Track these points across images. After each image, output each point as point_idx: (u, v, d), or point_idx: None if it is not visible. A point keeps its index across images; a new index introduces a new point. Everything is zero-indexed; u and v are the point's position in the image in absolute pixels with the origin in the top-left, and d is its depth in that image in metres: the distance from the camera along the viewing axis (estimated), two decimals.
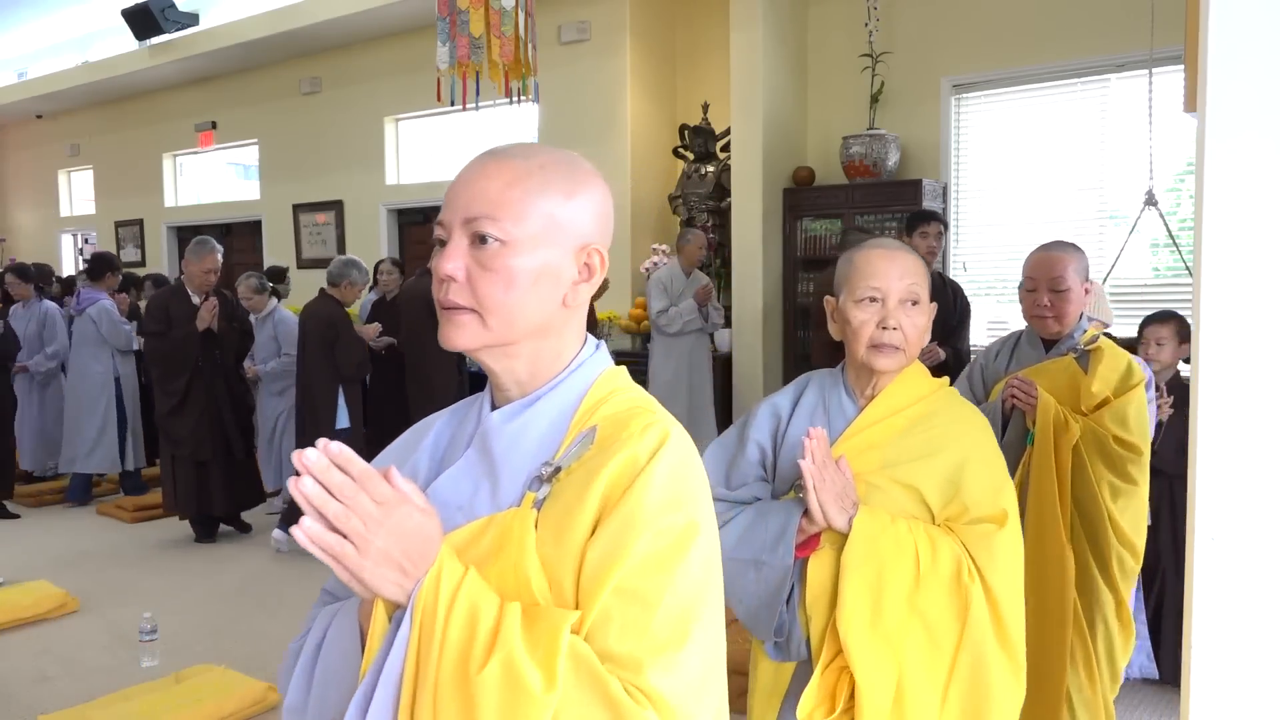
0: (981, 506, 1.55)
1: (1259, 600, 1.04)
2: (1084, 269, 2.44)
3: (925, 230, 4.53)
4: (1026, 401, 2.35)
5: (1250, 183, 1.01)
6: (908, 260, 1.63)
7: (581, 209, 1.03)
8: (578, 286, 1.04)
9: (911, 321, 1.62)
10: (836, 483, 1.53)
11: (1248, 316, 1.03)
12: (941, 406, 1.67)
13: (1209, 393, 1.05)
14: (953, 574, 1.50)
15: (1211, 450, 1.05)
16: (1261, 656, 1.04)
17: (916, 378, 1.69)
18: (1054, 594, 2.27)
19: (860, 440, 1.64)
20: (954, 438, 1.61)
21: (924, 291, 1.64)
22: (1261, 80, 1.00)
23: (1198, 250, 1.05)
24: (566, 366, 1.06)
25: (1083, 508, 2.33)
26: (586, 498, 0.96)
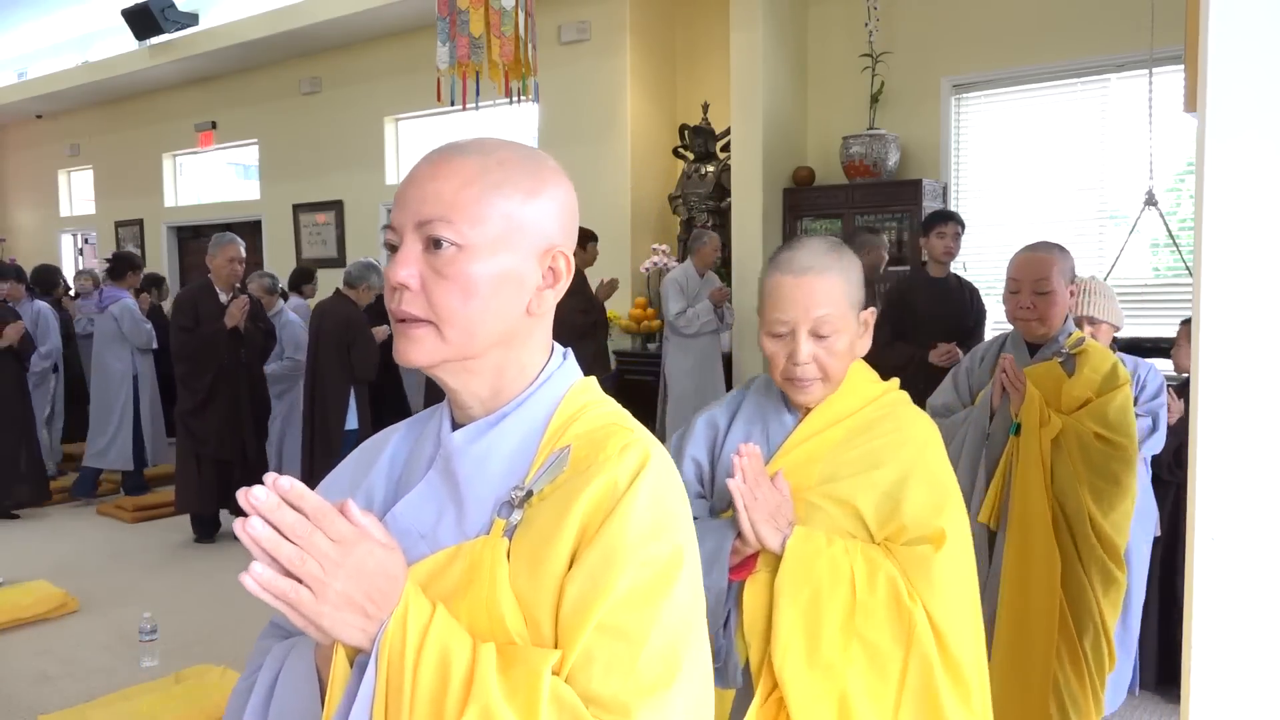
0: (920, 526, 1.44)
1: (1259, 600, 1.04)
2: (1069, 270, 2.40)
3: (942, 230, 4.50)
4: (1013, 385, 2.33)
5: (1250, 183, 1.01)
6: (821, 284, 1.46)
7: (544, 209, 0.96)
8: (543, 292, 0.96)
9: (827, 350, 1.47)
10: (770, 501, 1.43)
11: (1248, 316, 1.03)
12: (886, 414, 1.54)
13: (1209, 393, 1.05)
14: (891, 596, 1.39)
15: (1211, 450, 1.05)
16: (1261, 656, 1.04)
17: (860, 384, 1.57)
18: (1040, 586, 2.26)
19: (799, 454, 1.52)
20: (895, 449, 1.49)
21: (843, 314, 1.48)
22: (1261, 80, 1.00)
23: (1198, 250, 1.04)
24: (533, 380, 0.98)
25: (1064, 508, 2.31)
26: (563, 526, 0.88)
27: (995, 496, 2.35)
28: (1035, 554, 2.27)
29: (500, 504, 0.92)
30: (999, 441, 2.37)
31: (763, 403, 1.61)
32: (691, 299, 5.78)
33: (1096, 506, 2.29)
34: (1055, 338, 2.42)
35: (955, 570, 1.43)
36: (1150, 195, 4.61)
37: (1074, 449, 2.29)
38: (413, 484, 0.97)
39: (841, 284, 1.48)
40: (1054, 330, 2.42)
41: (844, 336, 1.48)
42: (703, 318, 5.76)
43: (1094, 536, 2.28)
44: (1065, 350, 2.39)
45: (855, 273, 1.52)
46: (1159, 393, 2.95)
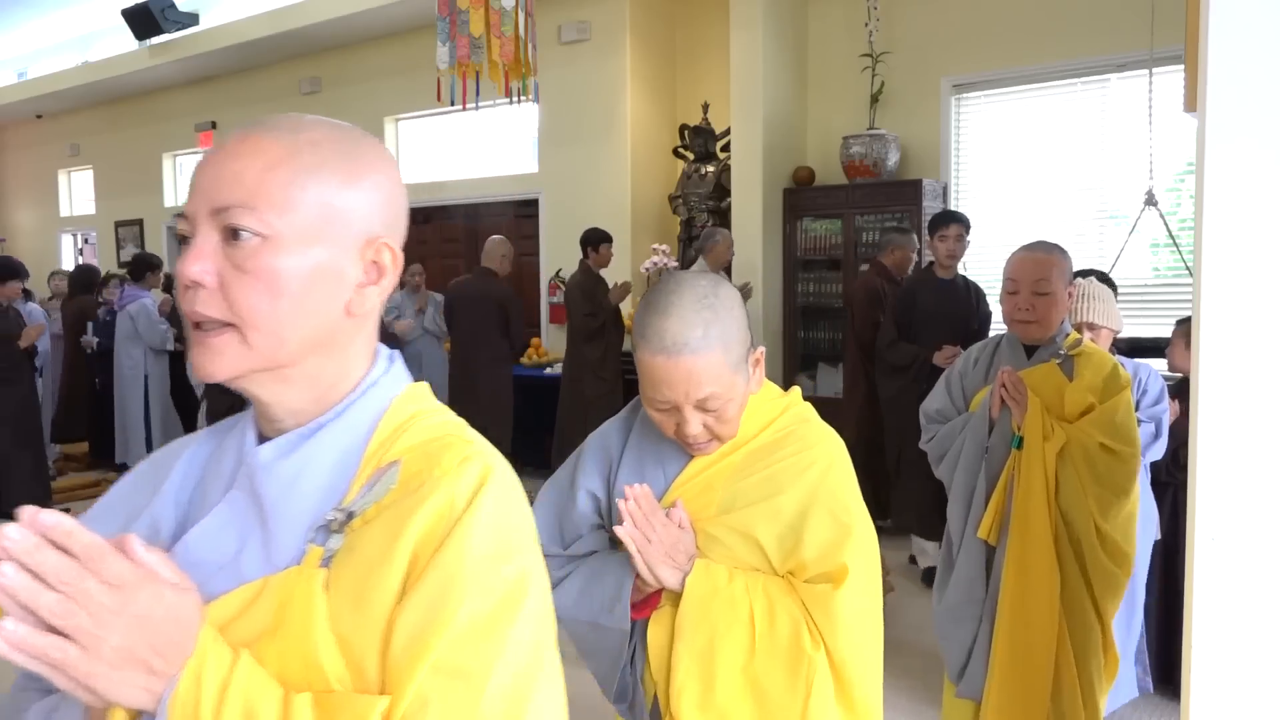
0: (821, 561, 1.34)
1: (1259, 600, 1.04)
2: (1068, 271, 2.35)
3: (944, 233, 4.44)
4: (1015, 398, 2.27)
5: (1250, 183, 1.01)
6: (699, 364, 1.29)
7: (365, 196, 0.84)
8: (364, 290, 0.85)
9: (717, 419, 1.35)
10: (666, 538, 1.33)
11: (1248, 316, 1.03)
12: (788, 433, 1.42)
13: (1209, 393, 1.05)
14: (791, 640, 1.31)
15: (1211, 450, 1.05)
16: (1261, 657, 1.04)
17: (758, 406, 1.44)
18: (1041, 604, 2.21)
19: (699, 482, 1.41)
20: (797, 474, 1.37)
21: (728, 384, 1.33)
22: (1261, 80, 1.00)
23: (1198, 250, 1.04)
24: (355, 388, 0.87)
25: (1069, 521, 2.24)
26: (393, 552, 0.77)
27: (995, 512, 2.29)
28: (1036, 571, 2.22)
29: (315, 528, 0.80)
30: (999, 455, 2.32)
31: (656, 430, 1.45)
32: None
33: (1103, 518, 2.23)
34: (1053, 339, 2.37)
35: (858, 607, 1.34)
36: (1150, 195, 4.62)
37: (1079, 461, 2.23)
38: (209, 507, 0.84)
39: (720, 354, 1.31)
40: (1051, 332, 2.36)
41: (734, 403, 1.35)
42: None
43: (1101, 549, 2.22)
44: (1063, 352, 2.34)
45: (735, 325, 1.34)
46: (1160, 397, 2.89)
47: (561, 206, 7.32)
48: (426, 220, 8.46)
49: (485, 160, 7.98)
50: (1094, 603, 2.24)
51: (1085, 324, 2.87)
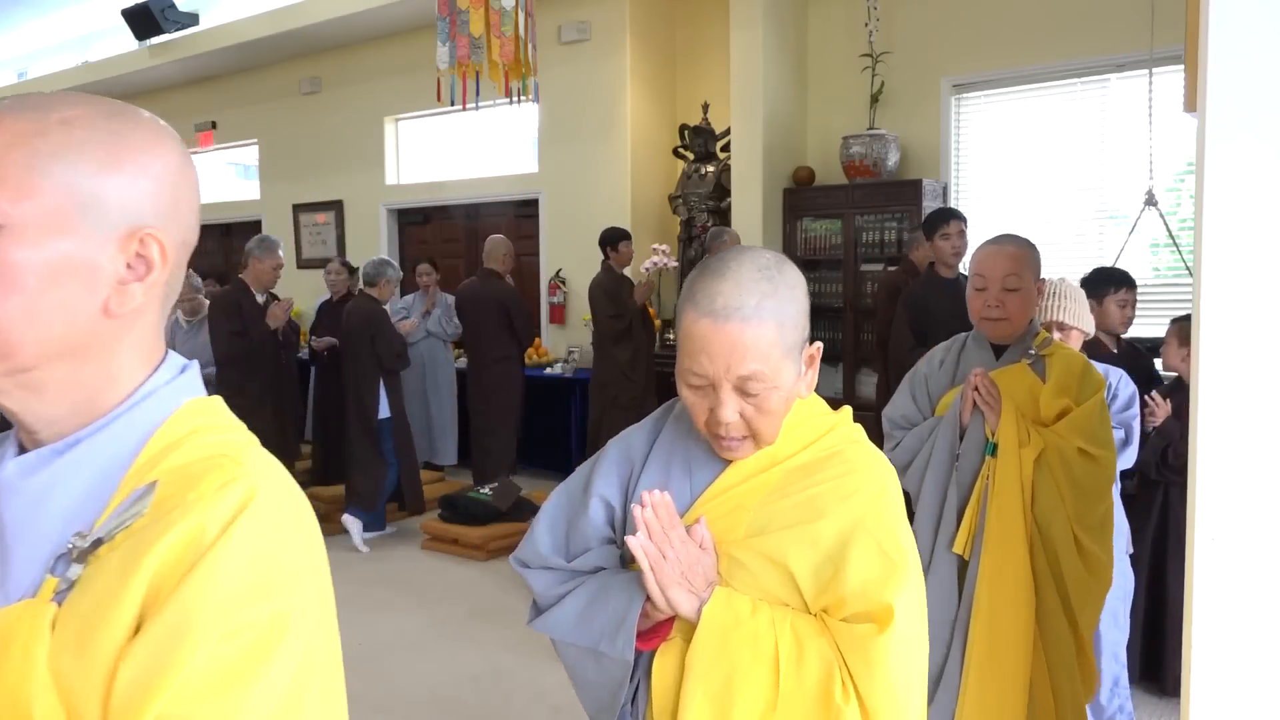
0: (863, 599, 1.17)
1: (1259, 600, 1.04)
2: (1037, 266, 2.24)
3: (946, 231, 4.31)
4: (988, 402, 2.15)
5: (1250, 183, 1.01)
6: (749, 333, 1.16)
7: (129, 181, 0.75)
8: (128, 287, 0.75)
9: (757, 408, 1.19)
10: (684, 557, 1.19)
11: (1248, 316, 1.03)
12: (832, 454, 1.26)
13: (1209, 393, 1.05)
14: (820, 688, 1.15)
15: (1211, 450, 1.05)
16: (1261, 656, 1.04)
17: (803, 420, 1.29)
18: (1016, 624, 2.11)
19: (728, 499, 1.25)
20: (840, 498, 1.21)
21: (776, 367, 1.18)
22: (1261, 80, 1.00)
23: (1198, 250, 1.04)
24: (125, 399, 0.77)
25: (1045, 531, 2.13)
26: (127, 586, 0.68)
27: (971, 525, 2.16)
28: (1012, 587, 2.11)
29: (57, 556, 0.71)
30: (972, 462, 2.18)
31: (686, 434, 1.31)
32: None
33: (1081, 526, 2.13)
34: (1022, 338, 2.26)
35: (902, 657, 1.16)
36: (1150, 195, 4.62)
37: (1057, 467, 2.13)
38: None
39: (774, 330, 1.17)
40: (1020, 330, 2.24)
41: (779, 392, 1.19)
42: None
43: (1079, 560, 2.13)
44: (1034, 351, 2.23)
45: (794, 306, 1.21)
46: (1131, 403, 2.79)
47: (561, 206, 7.32)
48: (426, 220, 8.46)
49: (485, 160, 7.98)
50: (1070, 617, 2.14)
51: (1055, 323, 2.76)
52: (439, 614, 4.33)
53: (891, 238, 5.87)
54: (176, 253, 0.79)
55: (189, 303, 5.76)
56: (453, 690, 3.57)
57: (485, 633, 4.09)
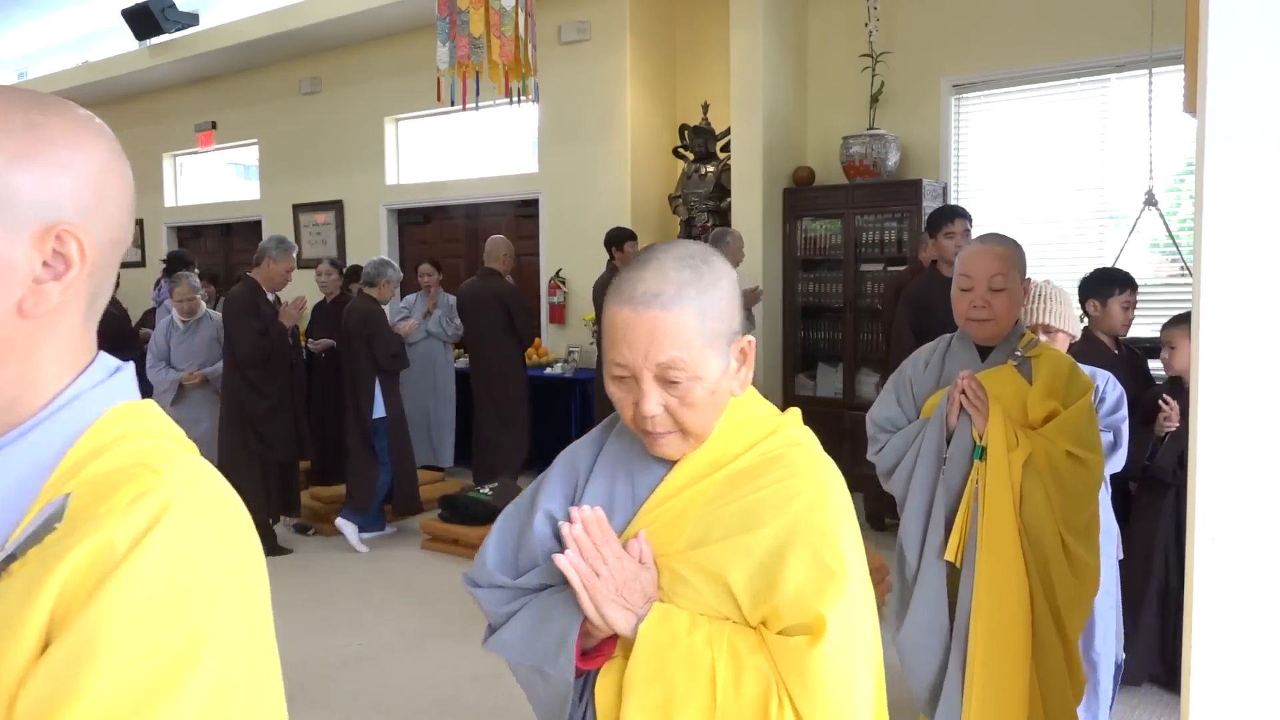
0: (796, 610, 1.12)
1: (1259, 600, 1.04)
2: (1022, 266, 2.20)
3: (951, 230, 4.20)
4: (975, 405, 2.11)
5: (1250, 183, 1.01)
6: (667, 320, 1.13)
7: (45, 175, 0.72)
8: (43, 286, 0.72)
9: (681, 400, 1.16)
10: (619, 574, 1.15)
11: (1248, 316, 1.03)
12: (775, 457, 1.21)
13: (1209, 392, 1.05)
14: (758, 707, 1.11)
15: (1211, 450, 1.05)
16: (1261, 656, 1.04)
17: (745, 421, 1.24)
18: (1015, 631, 2.07)
19: (669, 509, 1.21)
20: (780, 505, 1.16)
21: (698, 356, 1.14)
22: (1261, 80, 1.00)
23: (1198, 250, 1.04)
24: (46, 405, 0.73)
25: (1034, 536, 2.09)
26: (34, 605, 0.63)
27: (961, 531, 2.12)
28: (1008, 593, 2.07)
29: None
30: (960, 466, 2.14)
31: (629, 444, 1.27)
32: None
33: (1069, 531, 2.09)
34: (1008, 339, 2.22)
35: (839, 668, 1.11)
36: (1150, 195, 4.62)
37: (1045, 471, 2.09)
38: None
39: (695, 318, 1.13)
40: (1006, 331, 2.20)
41: (702, 384, 1.15)
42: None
43: (1067, 565, 2.09)
44: (1020, 353, 2.19)
45: (719, 296, 1.17)
46: (1119, 405, 2.74)
47: (561, 206, 7.32)
48: (426, 220, 8.46)
49: (485, 160, 7.98)
50: (1058, 621, 2.11)
51: (1041, 326, 2.72)
52: (439, 614, 4.33)
53: (891, 238, 5.87)
54: (99, 251, 0.75)
55: (186, 303, 5.73)
56: (453, 690, 3.57)
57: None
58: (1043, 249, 5.76)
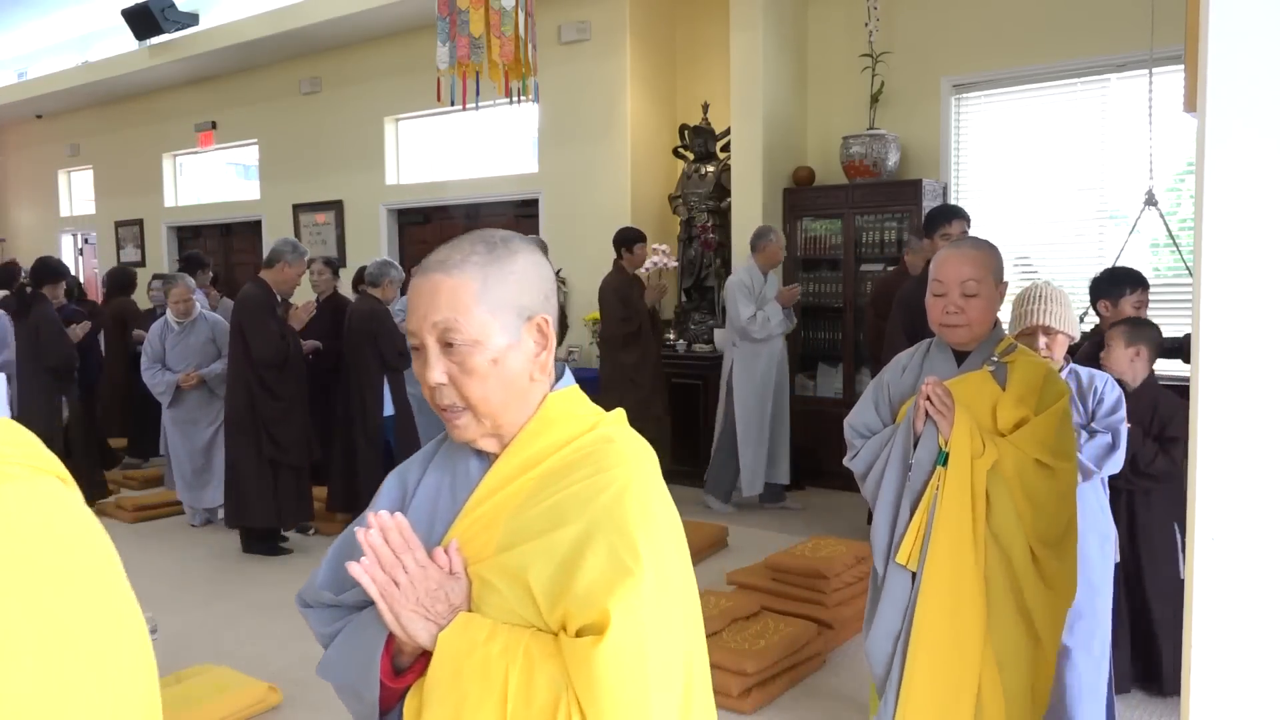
0: (587, 607, 1.06)
1: (1259, 600, 1.04)
2: (999, 269, 2.17)
3: (948, 231, 4.03)
4: (940, 411, 2.08)
5: (1250, 183, 1.01)
6: (446, 284, 1.13)
7: None
8: None
9: (461, 368, 1.13)
10: (422, 583, 1.10)
11: (1248, 316, 1.03)
12: (587, 454, 1.16)
13: (1209, 393, 1.05)
14: (547, 715, 1.06)
15: (1211, 450, 1.05)
16: (1261, 657, 1.04)
17: (564, 413, 1.20)
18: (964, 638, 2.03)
19: (485, 514, 1.16)
20: (585, 502, 1.10)
21: (475, 321, 1.12)
22: (1261, 80, 1.00)
23: (1198, 250, 1.04)
24: None
25: (1003, 545, 2.05)
26: None
27: (916, 536, 2.09)
28: (959, 601, 2.02)
29: None
30: (925, 472, 2.12)
31: (454, 452, 1.24)
32: (759, 301, 5.50)
33: (1039, 540, 2.05)
34: (984, 344, 2.18)
35: (627, 667, 1.04)
36: (1150, 195, 4.61)
37: (1013, 479, 2.06)
38: None
39: (476, 283, 1.13)
40: (981, 336, 2.17)
41: (482, 350, 1.12)
42: (774, 320, 5.48)
43: (1039, 576, 2.05)
44: (996, 359, 2.15)
45: (510, 271, 1.15)
46: (1117, 406, 2.70)
47: (561, 206, 7.32)
48: (426, 220, 8.47)
49: (485, 160, 7.98)
50: (1032, 632, 2.07)
51: (1041, 328, 2.67)
52: None
53: (891, 238, 5.87)
54: None
55: (182, 304, 5.66)
56: None
57: None
58: (1043, 249, 5.76)
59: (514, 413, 1.17)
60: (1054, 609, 2.08)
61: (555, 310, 1.22)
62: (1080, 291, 4.24)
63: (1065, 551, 2.09)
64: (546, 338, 1.18)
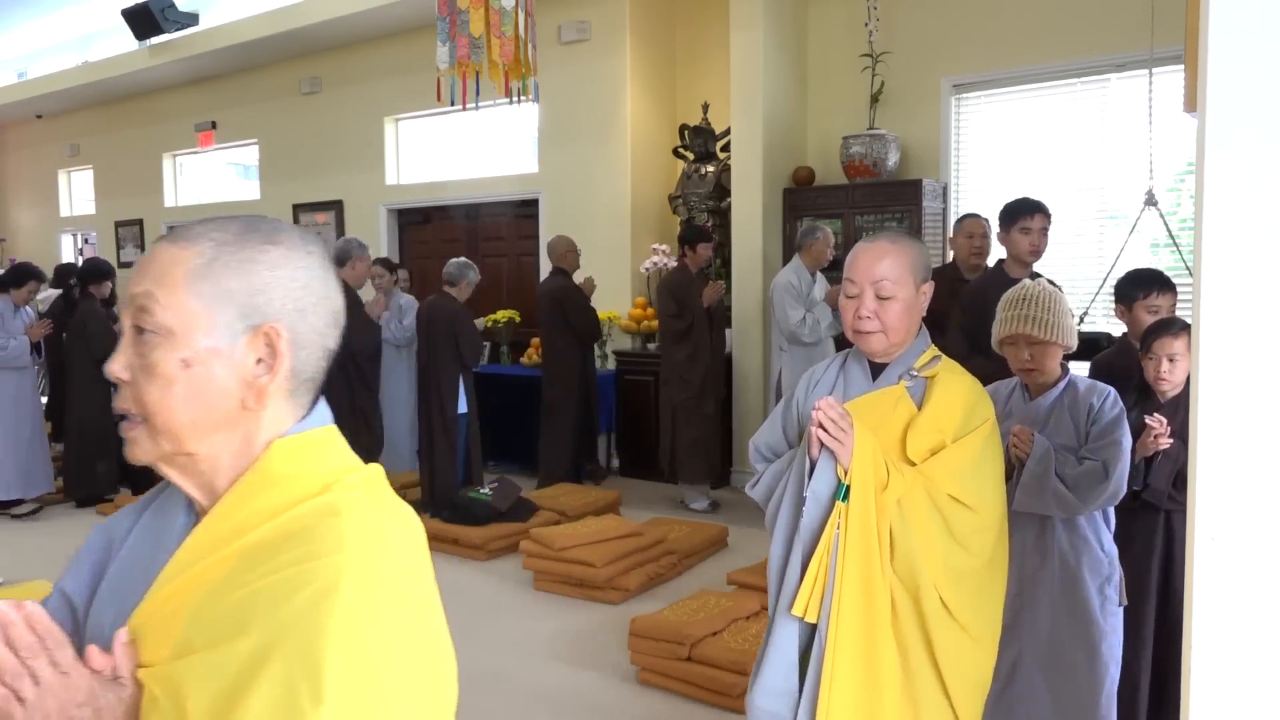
0: None
1: (1259, 600, 1.04)
2: (921, 268, 1.89)
3: (1027, 225, 3.76)
4: (836, 436, 1.76)
5: (1250, 183, 1.01)
6: (168, 249, 0.91)
7: None
8: None
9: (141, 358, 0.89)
10: (62, 694, 0.81)
11: (1248, 316, 1.03)
12: (299, 530, 0.86)
13: (1209, 393, 1.05)
14: None
15: (1211, 450, 1.05)
16: (1262, 657, 1.04)
17: (290, 473, 0.91)
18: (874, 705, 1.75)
19: (171, 598, 0.87)
20: (275, 603, 0.80)
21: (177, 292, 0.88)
22: (1261, 80, 1.00)
23: (1198, 250, 1.04)
24: None
25: (911, 593, 1.76)
26: None
27: (815, 582, 1.78)
28: (874, 665, 1.74)
29: None
30: (823, 508, 1.81)
31: (173, 492, 0.97)
32: (807, 303, 5.40)
33: (951, 589, 1.76)
34: (904, 356, 1.90)
35: None
36: (1150, 195, 4.61)
37: (923, 515, 1.76)
38: None
39: (197, 257, 0.90)
40: (900, 346, 1.90)
41: (171, 346, 0.88)
42: (824, 322, 5.34)
43: (953, 630, 1.76)
44: (915, 372, 1.88)
45: (252, 262, 0.90)
46: (1112, 429, 2.32)
47: (561, 206, 7.32)
48: (426, 220, 8.47)
49: (485, 160, 7.98)
50: (949, 700, 1.79)
51: (1024, 337, 2.39)
52: None
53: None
54: None
55: None
56: None
57: (485, 633, 4.09)
58: None
59: (209, 444, 0.90)
60: (970, 675, 1.80)
61: (320, 334, 0.93)
62: (1081, 292, 4.24)
63: (983, 604, 1.81)
64: (276, 357, 0.90)
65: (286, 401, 0.93)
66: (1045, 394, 2.44)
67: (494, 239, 8.05)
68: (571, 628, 4.11)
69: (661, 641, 3.49)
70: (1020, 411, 2.44)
